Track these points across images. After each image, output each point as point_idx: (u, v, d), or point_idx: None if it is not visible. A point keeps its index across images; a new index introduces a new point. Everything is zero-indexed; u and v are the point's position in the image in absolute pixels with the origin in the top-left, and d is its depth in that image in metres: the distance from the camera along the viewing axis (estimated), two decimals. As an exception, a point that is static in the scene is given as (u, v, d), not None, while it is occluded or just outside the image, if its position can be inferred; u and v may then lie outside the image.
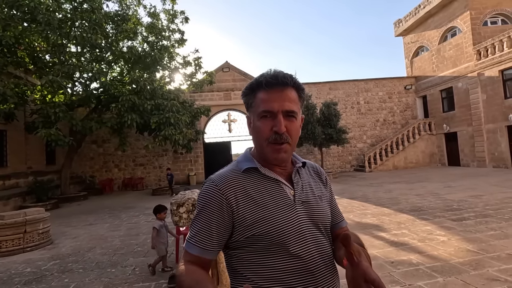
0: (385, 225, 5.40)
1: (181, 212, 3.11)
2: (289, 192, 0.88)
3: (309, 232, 0.85)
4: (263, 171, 0.88)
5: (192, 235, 0.84)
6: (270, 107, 0.84)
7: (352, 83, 18.36)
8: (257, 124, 0.87)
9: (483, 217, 5.41)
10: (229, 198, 0.83)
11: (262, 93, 0.87)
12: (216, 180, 0.86)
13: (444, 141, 16.59)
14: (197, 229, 0.84)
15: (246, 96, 0.92)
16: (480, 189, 8.39)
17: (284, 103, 0.84)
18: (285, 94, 0.85)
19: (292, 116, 0.86)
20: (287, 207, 0.84)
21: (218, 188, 0.84)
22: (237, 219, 0.82)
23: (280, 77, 0.85)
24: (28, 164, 11.72)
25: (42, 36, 10.04)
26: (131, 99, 10.68)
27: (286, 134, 0.84)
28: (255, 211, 0.82)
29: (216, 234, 0.82)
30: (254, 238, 0.81)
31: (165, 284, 3.49)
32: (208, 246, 0.82)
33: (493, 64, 13.17)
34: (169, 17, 12.86)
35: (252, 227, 0.81)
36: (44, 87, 9.95)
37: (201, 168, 16.69)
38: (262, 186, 0.86)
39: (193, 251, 0.83)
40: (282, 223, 0.81)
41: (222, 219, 0.82)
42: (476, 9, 14.36)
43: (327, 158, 17.25)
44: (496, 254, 3.64)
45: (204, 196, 0.85)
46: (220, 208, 0.82)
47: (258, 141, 0.88)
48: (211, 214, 0.83)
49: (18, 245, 5.23)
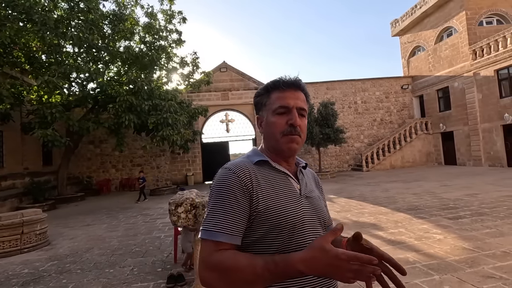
0: (382, 224, 5.44)
1: (179, 212, 3.12)
2: (296, 186, 0.94)
3: (312, 226, 0.89)
4: (274, 164, 0.94)
5: (214, 224, 0.81)
6: (286, 103, 0.93)
7: (349, 83, 18.43)
8: (272, 119, 0.94)
9: (478, 215, 5.46)
10: (247, 184, 0.86)
11: (277, 92, 0.96)
12: (233, 168, 0.89)
13: (441, 140, 16.70)
14: (219, 216, 0.82)
15: (260, 97, 1.00)
16: (476, 188, 8.47)
17: (298, 101, 0.95)
18: (298, 94, 0.96)
19: (303, 115, 0.95)
20: (294, 198, 0.90)
21: (237, 175, 0.87)
22: (253, 205, 0.85)
23: (295, 80, 0.97)
24: (25, 165, 11.65)
25: (38, 36, 9.97)
26: (128, 100, 10.64)
27: (299, 128, 0.92)
28: (266, 199, 0.86)
29: (241, 218, 0.82)
30: (262, 224, 0.83)
31: (163, 284, 3.50)
32: (235, 231, 0.81)
33: (489, 64, 13.28)
34: (166, 17, 12.83)
35: (262, 213, 0.84)
36: (40, 87, 9.90)
37: (199, 168, 16.68)
38: (273, 177, 0.92)
39: (220, 238, 0.79)
40: (289, 212, 0.86)
41: (244, 204, 0.84)
42: (472, 9, 14.46)
43: (324, 157, 17.31)
44: (492, 251, 3.68)
45: (224, 182, 0.86)
46: (241, 193, 0.84)
47: (273, 134, 0.94)
48: (233, 199, 0.83)
49: (15, 246, 5.21)
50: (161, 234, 5.87)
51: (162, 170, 16.35)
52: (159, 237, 5.66)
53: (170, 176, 16.37)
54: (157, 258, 4.48)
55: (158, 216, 7.79)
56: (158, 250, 4.89)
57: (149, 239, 5.56)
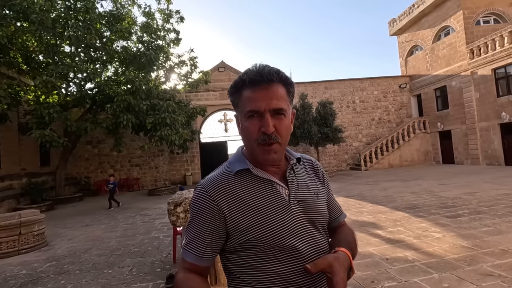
0: (381, 222, 5.45)
1: (178, 212, 3.11)
2: (284, 192, 0.84)
3: (306, 231, 0.83)
4: (255, 171, 0.84)
5: (187, 242, 0.83)
6: (256, 106, 0.79)
7: (347, 82, 18.45)
8: (245, 124, 0.82)
9: (477, 213, 5.48)
10: (220, 205, 0.80)
11: (247, 91, 0.82)
12: (207, 186, 0.83)
13: (439, 139, 16.76)
14: (191, 236, 0.82)
15: (232, 95, 0.87)
16: (474, 186, 8.50)
17: (271, 101, 0.79)
18: (272, 91, 0.80)
19: (280, 114, 0.81)
20: (281, 208, 0.82)
21: (209, 194, 0.81)
22: (231, 225, 0.80)
23: (265, 73, 0.80)
24: (22, 165, 11.59)
25: (35, 36, 9.92)
26: (126, 99, 10.60)
27: (275, 134, 0.79)
28: (248, 216, 0.79)
29: (210, 241, 0.81)
30: (249, 242, 0.79)
31: (162, 284, 3.49)
32: (202, 253, 0.81)
33: (486, 63, 13.34)
34: (164, 16, 12.80)
35: (247, 232, 0.79)
36: (37, 87, 9.84)
37: (197, 168, 16.65)
38: (255, 188, 0.83)
39: (188, 258, 0.82)
40: (276, 225, 0.79)
41: (214, 226, 0.80)
42: (469, 8, 14.52)
43: (323, 157, 17.33)
44: (490, 249, 3.69)
45: (195, 203, 0.83)
46: (211, 215, 0.80)
47: (247, 142, 0.84)
48: (203, 222, 0.81)
49: (13, 247, 5.18)
50: (160, 234, 5.85)
51: (160, 170, 16.32)
52: (158, 237, 5.64)
53: (168, 176, 16.34)
54: (156, 258, 4.47)
55: (156, 216, 7.77)
56: (157, 250, 4.87)
57: (148, 239, 5.54)
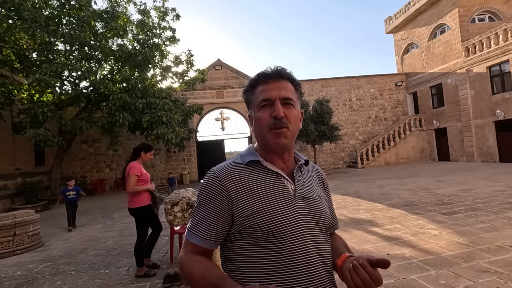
0: (378, 220, 5.47)
1: (176, 211, 3.08)
2: (290, 186, 0.89)
3: (307, 227, 0.85)
4: (265, 164, 0.90)
5: (193, 225, 0.87)
6: (268, 95, 0.88)
7: (344, 80, 18.49)
8: (258, 115, 0.90)
9: (472, 210, 5.52)
10: (229, 190, 0.85)
11: (261, 86, 0.91)
12: (218, 172, 0.88)
13: (434, 136, 16.88)
14: (198, 219, 0.86)
15: (246, 93, 0.96)
16: (469, 183, 8.57)
17: (281, 91, 0.89)
18: (282, 84, 0.90)
19: (289, 104, 0.89)
20: (286, 200, 0.85)
21: (219, 180, 0.86)
22: (236, 210, 0.84)
23: (277, 70, 0.92)
24: (16, 165, 11.45)
25: (28, 34, 9.78)
26: (122, 98, 10.51)
27: (285, 119, 0.86)
28: (253, 203, 0.83)
29: (216, 224, 0.84)
30: (251, 229, 0.82)
31: (160, 284, 3.47)
32: (208, 236, 0.84)
33: (481, 61, 13.43)
34: (159, 14, 12.70)
35: (250, 217, 0.82)
36: (31, 86, 9.71)
37: (194, 166, 16.60)
38: (263, 179, 0.88)
39: (193, 240, 0.85)
40: (279, 215, 0.82)
41: (222, 210, 0.84)
42: (464, 6, 14.59)
43: (320, 155, 17.37)
44: (486, 246, 3.72)
45: (206, 187, 0.88)
46: (220, 199, 0.84)
47: (259, 130, 0.90)
48: (211, 205, 0.85)
49: (8, 248, 5.11)
50: (157, 234, 5.81)
51: (157, 169, 16.25)
52: (155, 237, 5.60)
53: (165, 175, 16.25)
54: (153, 258, 4.43)
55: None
56: (154, 249, 4.81)
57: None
